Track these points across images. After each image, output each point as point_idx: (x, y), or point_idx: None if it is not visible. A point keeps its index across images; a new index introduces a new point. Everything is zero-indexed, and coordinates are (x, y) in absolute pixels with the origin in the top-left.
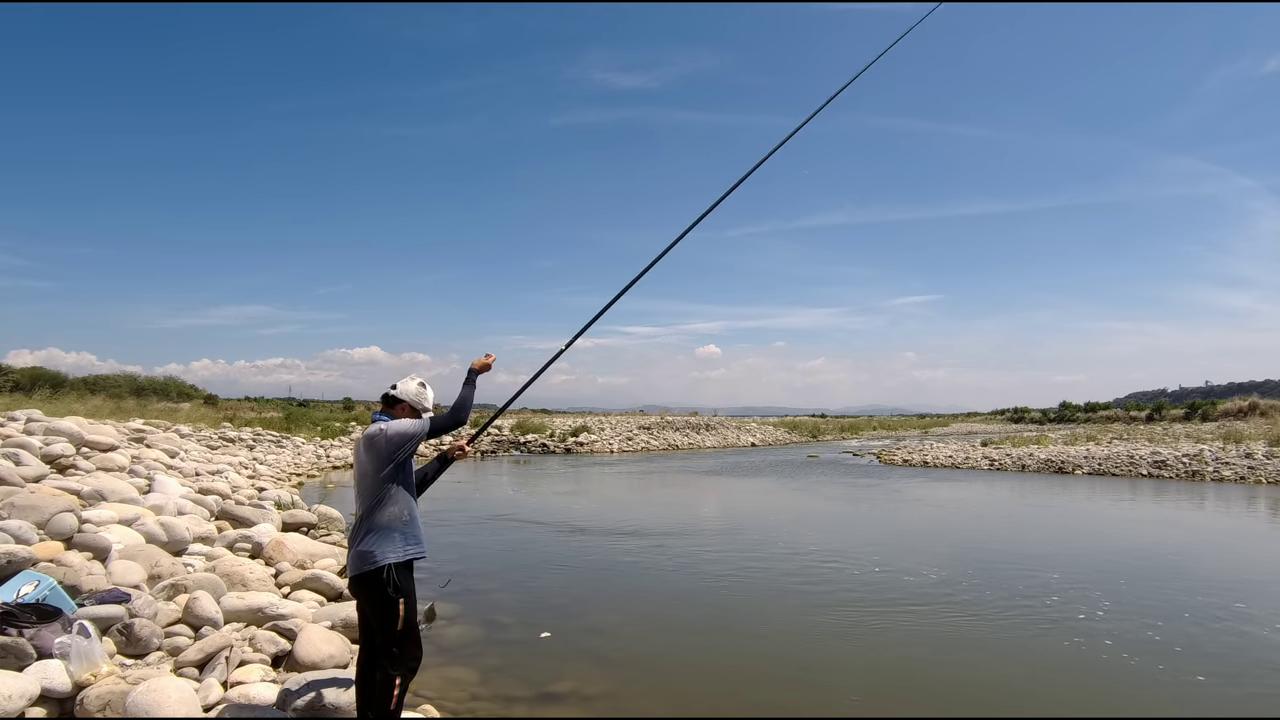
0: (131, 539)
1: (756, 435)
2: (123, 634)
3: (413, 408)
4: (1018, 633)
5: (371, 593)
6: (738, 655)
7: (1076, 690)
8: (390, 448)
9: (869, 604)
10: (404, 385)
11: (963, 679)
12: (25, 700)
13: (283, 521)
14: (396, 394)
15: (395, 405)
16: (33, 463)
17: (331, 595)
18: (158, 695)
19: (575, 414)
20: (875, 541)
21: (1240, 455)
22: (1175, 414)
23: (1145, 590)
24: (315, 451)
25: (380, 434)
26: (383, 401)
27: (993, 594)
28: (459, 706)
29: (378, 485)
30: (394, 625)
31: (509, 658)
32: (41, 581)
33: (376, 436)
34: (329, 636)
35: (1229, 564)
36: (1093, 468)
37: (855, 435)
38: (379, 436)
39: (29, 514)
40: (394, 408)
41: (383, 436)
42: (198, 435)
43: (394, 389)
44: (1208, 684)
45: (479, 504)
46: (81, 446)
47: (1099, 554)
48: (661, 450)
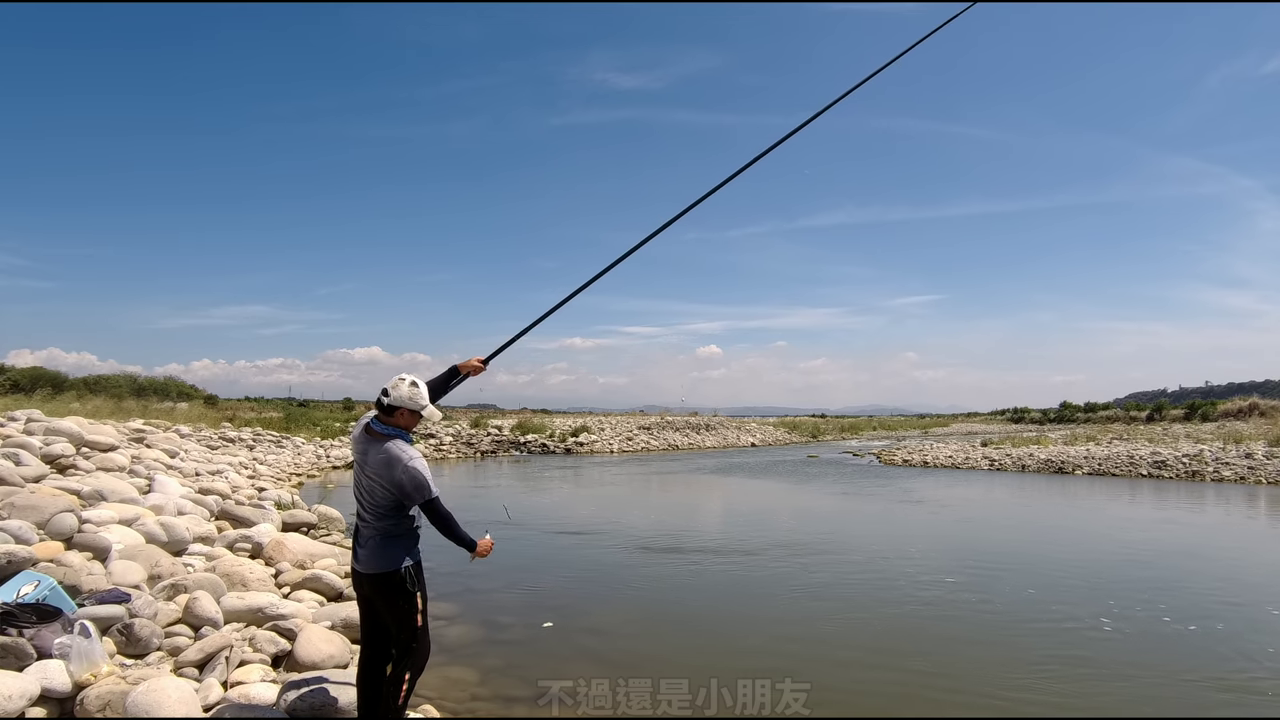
0: (131, 539)
1: (756, 435)
2: (123, 634)
3: (410, 411)
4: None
5: (390, 591)
6: (738, 655)
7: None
8: (406, 490)
9: (864, 598)
10: (396, 391)
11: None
12: (25, 700)
13: (283, 521)
14: (391, 401)
15: (393, 413)
16: (33, 463)
17: (331, 595)
18: (158, 695)
19: (575, 414)
20: (873, 537)
21: (1240, 455)
22: (1175, 414)
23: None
24: (315, 451)
25: (398, 463)
26: (378, 409)
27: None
28: (459, 706)
29: (393, 504)
30: (414, 621)
31: (509, 658)
32: (41, 581)
33: (394, 464)
34: (329, 636)
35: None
36: (1093, 468)
37: (855, 435)
38: (396, 466)
39: (29, 514)
40: (392, 415)
41: (402, 471)
42: (198, 435)
43: (386, 396)
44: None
45: (479, 504)
46: (81, 446)
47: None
48: (661, 450)
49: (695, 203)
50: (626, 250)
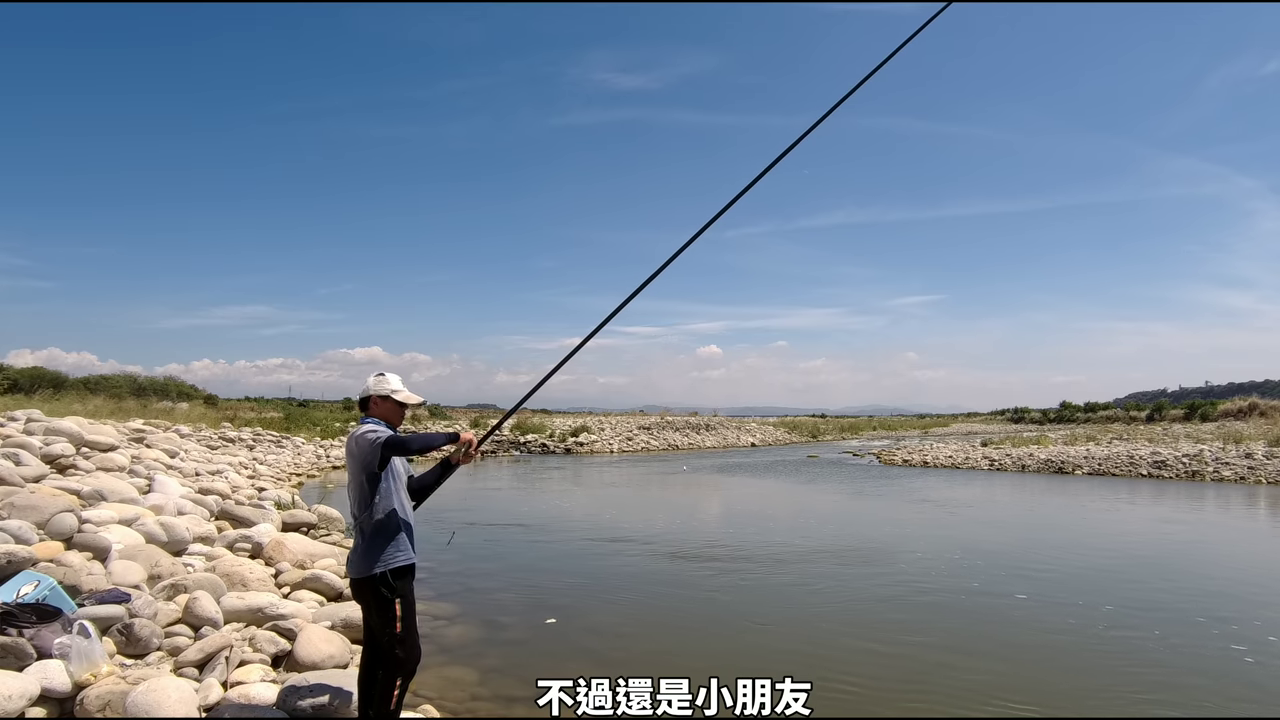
0: (131, 539)
1: (756, 435)
2: (123, 634)
3: (382, 399)
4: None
5: (369, 596)
6: (738, 655)
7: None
8: (362, 456)
9: (864, 597)
10: (366, 385)
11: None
12: (25, 700)
13: (283, 521)
14: (363, 394)
15: (368, 406)
16: (33, 463)
17: (331, 595)
18: (158, 695)
19: (575, 414)
20: (873, 536)
21: (1240, 455)
22: (1175, 414)
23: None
24: (315, 451)
25: (352, 439)
26: (359, 408)
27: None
28: (459, 706)
29: (362, 492)
30: (393, 627)
31: (509, 658)
32: (41, 581)
33: (350, 442)
34: (329, 636)
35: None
36: (1093, 468)
37: (855, 435)
38: (351, 442)
39: (29, 514)
40: (368, 409)
41: (354, 443)
42: (198, 435)
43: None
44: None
45: (479, 504)
46: (81, 446)
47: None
48: (661, 450)
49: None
50: (661, 265)
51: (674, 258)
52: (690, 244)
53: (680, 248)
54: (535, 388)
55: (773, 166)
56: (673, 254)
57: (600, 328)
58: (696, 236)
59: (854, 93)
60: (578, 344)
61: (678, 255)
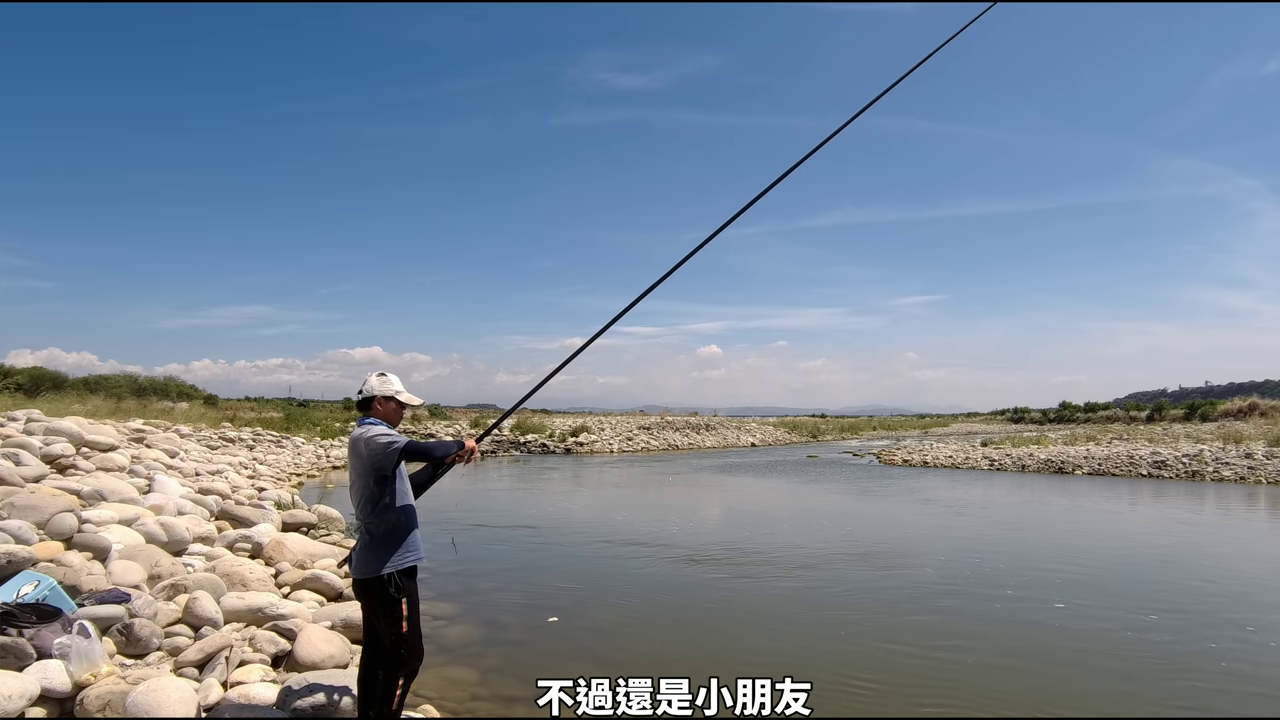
0: (131, 539)
1: (756, 435)
2: (123, 634)
3: (385, 400)
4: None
5: (374, 596)
6: (738, 655)
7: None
8: (373, 459)
9: (865, 597)
10: (367, 385)
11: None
12: (25, 700)
13: (283, 521)
14: (362, 392)
15: (369, 406)
16: (33, 463)
17: (331, 595)
18: (158, 695)
19: (575, 414)
20: (873, 536)
21: (1240, 455)
22: (1175, 414)
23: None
24: (315, 451)
25: (360, 440)
26: (358, 408)
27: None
28: (459, 706)
29: (370, 494)
30: (399, 627)
31: (509, 657)
32: (41, 581)
33: (357, 443)
34: (329, 637)
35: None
36: (1093, 468)
37: (855, 435)
38: (359, 443)
39: (29, 514)
40: (369, 409)
41: (364, 445)
42: (198, 435)
43: (360, 392)
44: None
45: (478, 504)
46: (81, 446)
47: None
48: (661, 450)
49: (766, 189)
50: (673, 264)
51: (692, 254)
52: (704, 246)
53: (696, 246)
54: (536, 387)
55: (799, 164)
56: (689, 252)
57: (603, 330)
58: (715, 235)
59: (889, 91)
60: (581, 345)
61: (694, 254)
